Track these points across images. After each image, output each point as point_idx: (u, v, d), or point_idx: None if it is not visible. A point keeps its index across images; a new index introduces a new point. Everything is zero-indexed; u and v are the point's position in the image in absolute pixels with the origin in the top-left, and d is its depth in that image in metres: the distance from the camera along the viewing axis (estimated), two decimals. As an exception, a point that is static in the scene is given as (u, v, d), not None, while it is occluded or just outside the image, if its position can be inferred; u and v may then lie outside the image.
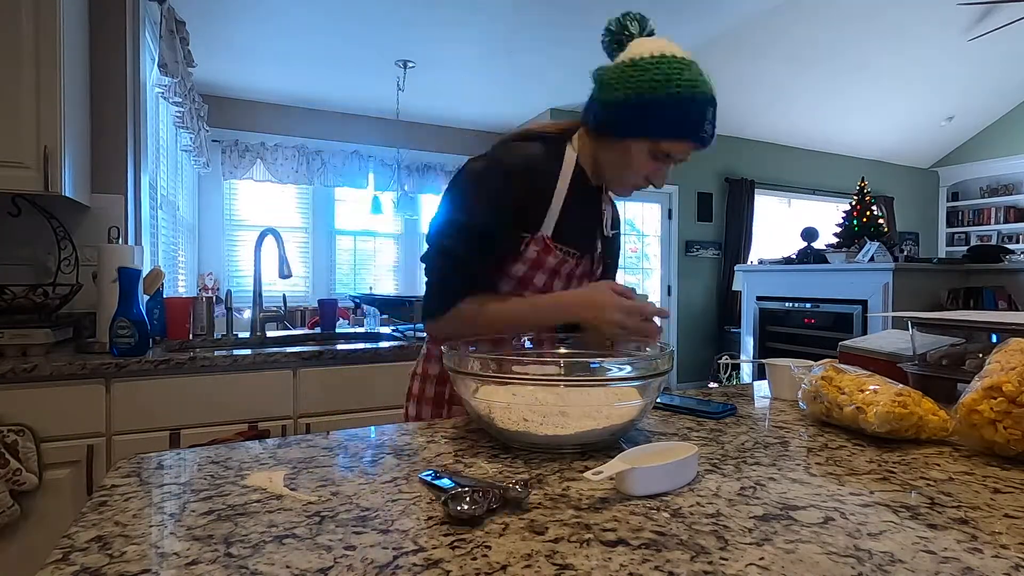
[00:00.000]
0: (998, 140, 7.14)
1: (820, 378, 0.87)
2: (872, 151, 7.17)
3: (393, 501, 0.57)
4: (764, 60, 4.98)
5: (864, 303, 3.64)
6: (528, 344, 0.96)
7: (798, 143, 6.70)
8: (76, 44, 1.92)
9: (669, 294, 6.12)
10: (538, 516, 0.54)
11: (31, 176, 1.71)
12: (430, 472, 0.64)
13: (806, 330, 4.04)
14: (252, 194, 5.15)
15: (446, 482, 0.60)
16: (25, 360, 1.57)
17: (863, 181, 4.18)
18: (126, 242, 2.13)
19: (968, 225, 7.70)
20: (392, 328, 2.58)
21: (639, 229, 6.10)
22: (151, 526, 0.52)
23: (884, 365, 1.06)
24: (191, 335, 2.09)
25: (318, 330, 2.39)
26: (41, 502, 1.51)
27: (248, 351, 1.78)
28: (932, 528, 0.51)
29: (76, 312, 1.99)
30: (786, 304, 4.17)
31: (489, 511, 0.53)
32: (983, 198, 7.52)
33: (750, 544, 0.48)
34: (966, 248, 5.74)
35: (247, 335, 2.21)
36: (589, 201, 1.07)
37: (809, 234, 4.21)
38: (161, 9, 2.37)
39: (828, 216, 6.34)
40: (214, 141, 4.60)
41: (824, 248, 4.16)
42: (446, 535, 0.50)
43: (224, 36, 3.80)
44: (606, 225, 1.14)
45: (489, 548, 0.47)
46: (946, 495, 0.59)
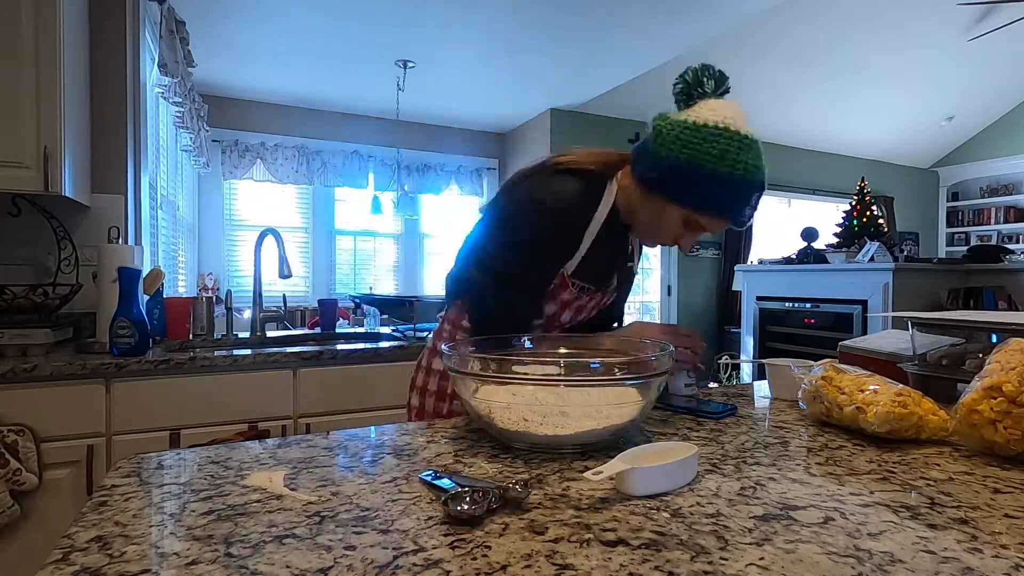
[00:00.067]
0: (998, 140, 7.13)
1: (820, 378, 0.87)
2: (872, 151, 7.16)
3: (393, 501, 0.57)
4: (764, 60, 4.98)
5: (864, 303, 3.63)
6: (528, 344, 0.96)
7: (798, 143, 6.70)
8: (76, 44, 1.92)
9: (669, 294, 6.12)
10: (538, 516, 0.54)
11: (31, 176, 1.71)
12: (430, 472, 0.64)
13: (806, 330, 4.04)
14: (252, 194, 5.15)
15: (446, 482, 0.60)
16: (25, 360, 1.57)
17: (863, 181, 4.18)
18: (126, 242, 2.13)
19: (968, 225, 7.70)
20: (392, 328, 2.58)
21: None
22: (151, 526, 0.52)
23: (884, 365, 1.06)
24: (191, 335, 2.08)
25: (318, 330, 2.39)
26: (41, 502, 1.51)
27: (248, 351, 1.78)
28: (932, 528, 0.51)
29: (76, 312, 1.99)
30: (786, 304, 4.17)
31: (489, 511, 0.53)
32: (983, 198, 7.51)
33: (750, 544, 0.48)
34: (966, 248, 5.74)
35: (247, 335, 2.21)
36: (617, 239, 1.05)
37: (809, 234, 4.21)
38: (161, 9, 2.37)
39: (828, 216, 6.33)
40: (214, 141, 4.60)
41: (824, 248, 4.15)
42: (446, 535, 0.50)
43: (224, 36, 3.80)
44: (632, 258, 1.13)
45: (489, 548, 0.47)
46: (946, 495, 0.59)
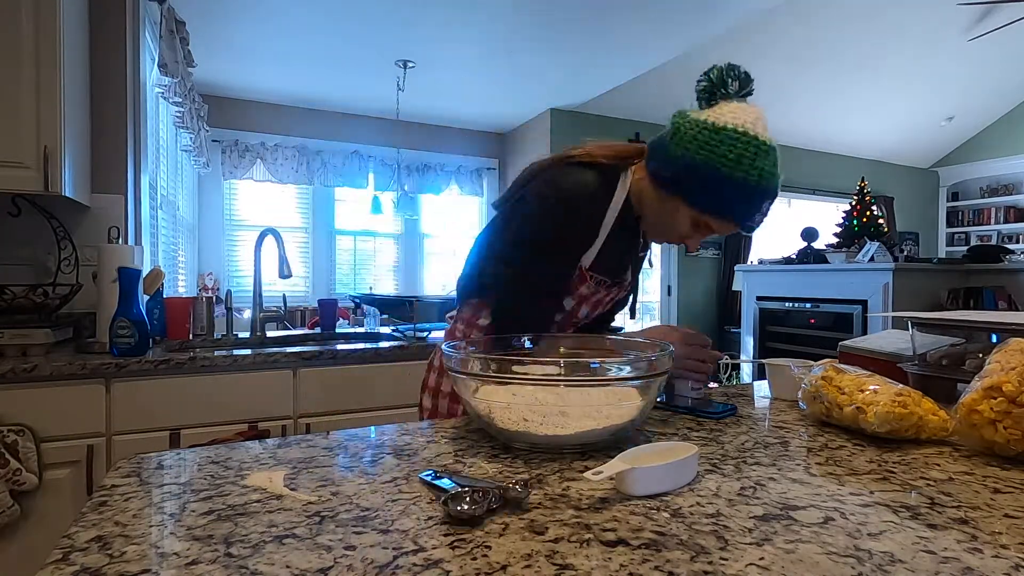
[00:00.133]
0: (998, 140, 7.13)
1: (820, 378, 0.87)
2: (872, 151, 7.16)
3: (393, 501, 0.57)
4: (764, 60, 4.97)
5: (864, 303, 3.63)
6: (528, 344, 0.96)
7: (798, 143, 6.70)
8: (76, 44, 1.92)
9: (669, 294, 6.12)
10: (538, 516, 0.54)
11: (31, 176, 1.71)
12: (430, 472, 0.64)
13: (806, 330, 4.04)
14: (252, 194, 5.15)
15: (446, 482, 0.60)
16: (25, 360, 1.57)
17: (863, 181, 4.18)
18: (126, 242, 2.13)
19: (968, 225, 7.70)
20: (392, 328, 2.58)
21: (639, 229, 6.09)
22: (151, 526, 0.52)
23: (884, 365, 1.06)
24: (191, 335, 2.08)
25: (318, 330, 2.39)
26: (41, 502, 1.51)
27: (248, 351, 1.78)
28: (932, 528, 0.51)
29: (76, 312, 1.99)
30: (786, 304, 4.17)
31: (489, 511, 0.53)
32: (983, 198, 7.51)
33: (750, 544, 0.48)
34: (966, 248, 5.74)
35: (247, 335, 2.21)
36: (631, 231, 1.05)
37: (809, 234, 4.21)
38: (161, 9, 2.37)
39: (828, 216, 6.33)
40: (214, 141, 4.60)
41: (824, 248, 4.15)
42: (446, 535, 0.50)
43: (224, 36, 3.80)
44: (646, 249, 1.14)
45: (489, 548, 0.47)
46: (946, 495, 0.59)
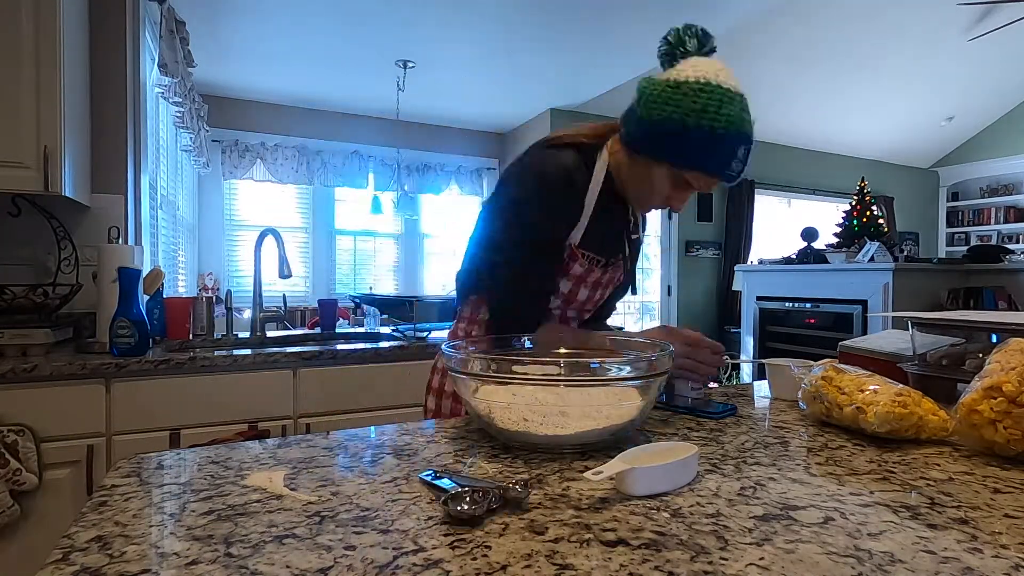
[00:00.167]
0: (998, 140, 7.13)
1: (820, 378, 0.87)
2: (872, 151, 7.16)
3: (393, 501, 0.57)
4: (764, 60, 4.98)
5: (864, 303, 3.63)
6: (528, 344, 0.96)
7: (798, 143, 6.70)
8: (76, 44, 1.92)
9: (669, 294, 6.12)
10: (538, 516, 0.54)
11: (31, 176, 1.71)
12: (430, 472, 0.64)
13: (806, 330, 4.04)
14: (252, 194, 5.15)
15: (446, 482, 0.60)
16: (25, 360, 1.57)
17: (863, 181, 4.18)
18: (126, 242, 2.13)
19: (968, 225, 7.70)
20: (392, 328, 2.57)
21: (639, 229, 6.09)
22: (151, 526, 0.52)
23: (884, 365, 1.06)
24: (191, 335, 2.08)
25: (318, 330, 2.39)
26: (41, 502, 1.51)
27: (248, 351, 1.78)
28: (932, 528, 0.51)
29: (76, 312, 1.99)
30: (786, 304, 4.17)
31: (489, 511, 0.53)
32: (983, 198, 7.52)
33: (750, 544, 0.48)
34: (966, 248, 5.73)
35: (247, 335, 2.20)
36: (617, 208, 1.06)
37: (809, 234, 4.21)
38: (161, 9, 2.37)
39: (828, 216, 6.34)
40: (214, 141, 4.60)
41: (824, 248, 4.15)
42: (446, 535, 0.50)
43: (224, 36, 3.79)
44: (639, 229, 1.14)
45: (489, 548, 0.47)
46: (946, 495, 0.59)
